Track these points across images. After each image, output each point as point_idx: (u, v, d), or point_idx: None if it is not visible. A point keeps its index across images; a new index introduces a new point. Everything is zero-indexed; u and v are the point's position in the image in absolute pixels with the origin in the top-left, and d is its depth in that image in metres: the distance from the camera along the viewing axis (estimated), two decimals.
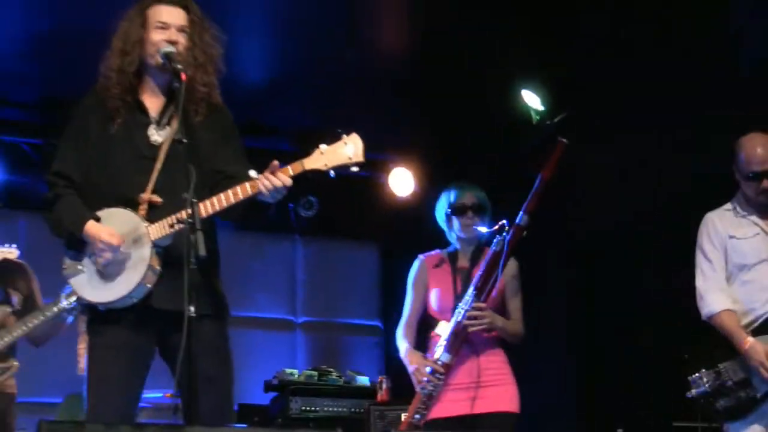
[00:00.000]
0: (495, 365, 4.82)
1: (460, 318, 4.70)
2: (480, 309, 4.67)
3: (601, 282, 7.24)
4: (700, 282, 4.66)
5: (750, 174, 4.53)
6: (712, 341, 4.57)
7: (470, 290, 4.72)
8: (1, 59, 6.92)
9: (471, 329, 4.70)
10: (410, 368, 4.87)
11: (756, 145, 4.53)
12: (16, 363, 5.14)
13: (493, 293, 4.80)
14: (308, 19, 6.57)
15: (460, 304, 4.73)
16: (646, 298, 6.11)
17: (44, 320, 4.99)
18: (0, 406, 5.13)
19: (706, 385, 4.51)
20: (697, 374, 4.53)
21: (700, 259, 4.69)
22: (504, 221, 4.70)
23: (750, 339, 4.42)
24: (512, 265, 4.97)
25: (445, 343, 4.72)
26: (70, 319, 4.63)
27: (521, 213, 4.69)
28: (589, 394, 7.19)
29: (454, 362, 4.71)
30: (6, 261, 5.31)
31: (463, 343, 4.73)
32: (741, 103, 5.97)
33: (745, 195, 4.65)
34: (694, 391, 4.54)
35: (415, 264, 5.12)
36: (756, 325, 4.50)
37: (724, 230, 4.66)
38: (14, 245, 5.05)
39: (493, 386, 4.76)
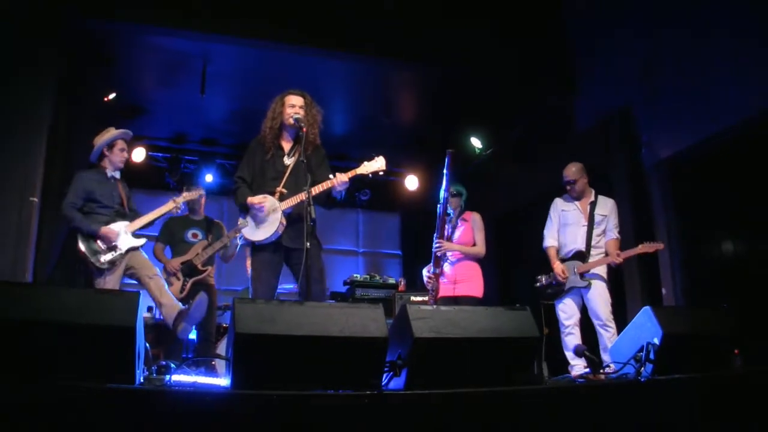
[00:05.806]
0: (465, 270, 4.35)
1: (433, 250, 4.27)
2: (441, 243, 4.24)
3: (518, 233, 6.84)
4: (545, 230, 4.47)
5: (565, 182, 4.37)
6: (549, 262, 4.43)
7: (435, 235, 4.25)
8: (217, 122, 6.81)
9: (438, 253, 4.24)
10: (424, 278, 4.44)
11: (571, 168, 4.36)
12: (211, 267, 4.80)
13: (451, 233, 4.38)
14: (363, 102, 6.38)
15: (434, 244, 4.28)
16: (535, 244, 5.73)
17: (220, 247, 4.71)
18: (210, 293, 4.80)
19: (542, 282, 4.41)
20: (539, 276, 4.44)
21: (548, 219, 4.48)
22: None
23: (558, 262, 4.33)
24: (477, 216, 4.52)
25: (432, 264, 4.32)
26: (238, 247, 4.07)
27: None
28: (503, 288, 6.87)
29: (438, 272, 4.26)
30: (214, 220, 4.94)
31: (440, 262, 4.25)
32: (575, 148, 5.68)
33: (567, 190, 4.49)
34: (537, 285, 4.43)
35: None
36: (566, 257, 4.35)
37: (560, 206, 4.46)
38: (203, 189, 4.47)
39: (464, 282, 4.32)
